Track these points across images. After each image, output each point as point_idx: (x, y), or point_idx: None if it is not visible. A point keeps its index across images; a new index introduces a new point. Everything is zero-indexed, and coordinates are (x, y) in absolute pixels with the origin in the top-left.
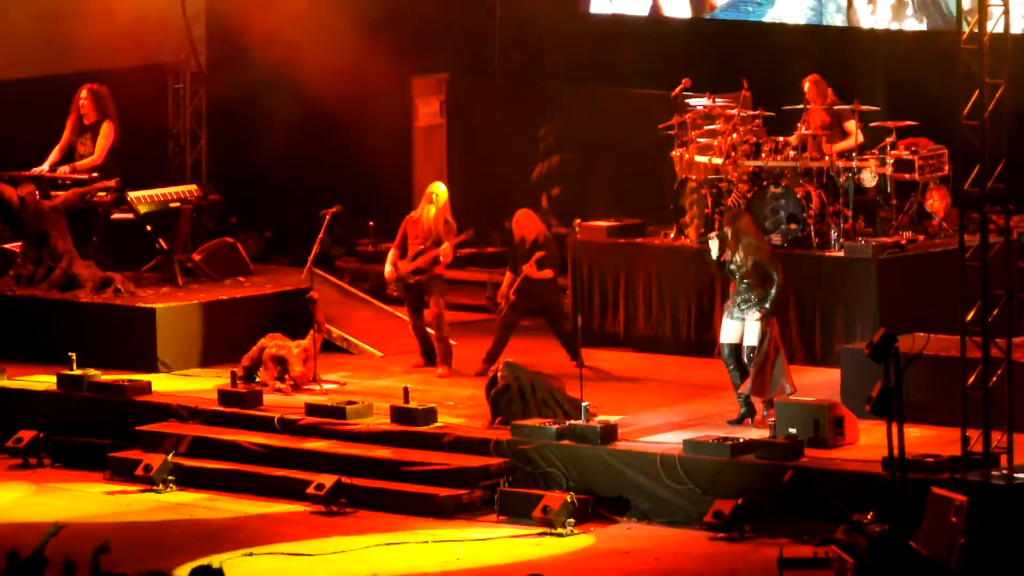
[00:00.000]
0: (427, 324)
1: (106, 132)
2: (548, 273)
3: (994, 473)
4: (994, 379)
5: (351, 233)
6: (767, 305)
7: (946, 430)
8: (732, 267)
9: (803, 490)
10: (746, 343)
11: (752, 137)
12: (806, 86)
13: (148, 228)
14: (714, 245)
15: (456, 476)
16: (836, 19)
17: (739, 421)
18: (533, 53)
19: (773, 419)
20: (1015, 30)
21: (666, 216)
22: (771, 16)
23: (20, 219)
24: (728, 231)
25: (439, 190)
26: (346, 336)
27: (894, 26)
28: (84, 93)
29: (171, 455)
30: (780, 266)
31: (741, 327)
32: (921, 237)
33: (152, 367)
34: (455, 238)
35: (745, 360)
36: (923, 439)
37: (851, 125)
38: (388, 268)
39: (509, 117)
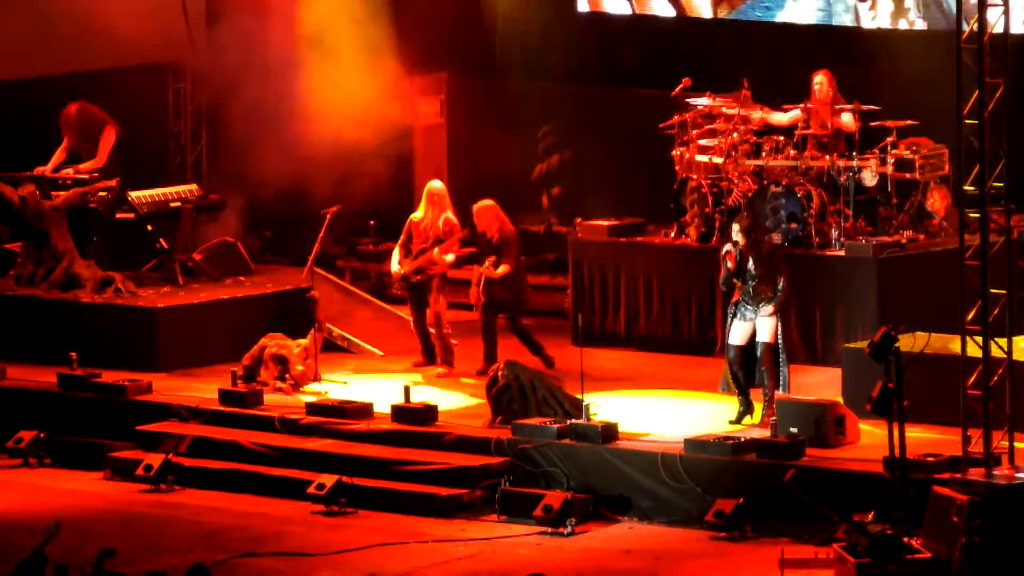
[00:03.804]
0: (428, 323)
1: (107, 136)
2: (506, 270)
3: (995, 473)
4: (995, 379)
5: (352, 232)
6: (780, 296)
7: (947, 430)
8: (749, 272)
9: (801, 492)
10: (759, 339)
11: (752, 136)
12: (815, 81)
13: (149, 228)
14: (729, 261)
15: (457, 475)
16: (845, 19)
17: (739, 420)
18: (533, 52)
19: (774, 418)
20: (1015, 30)
21: (667, 215)
22: (781, 18)
23: (21, 219)
24: (740, 234)
25: (441, 193)
26: (347, 335)
27: (894, 26)
28: (75, 112)
29: (171, 455)
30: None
31: (752, 327)
32: (922, 236)
33: (152, 367)
34: (455, 238)
35: (758, 355)
36: (924, 439)
37: (848, 119)
38: (394, 267)
39: (509, 116)
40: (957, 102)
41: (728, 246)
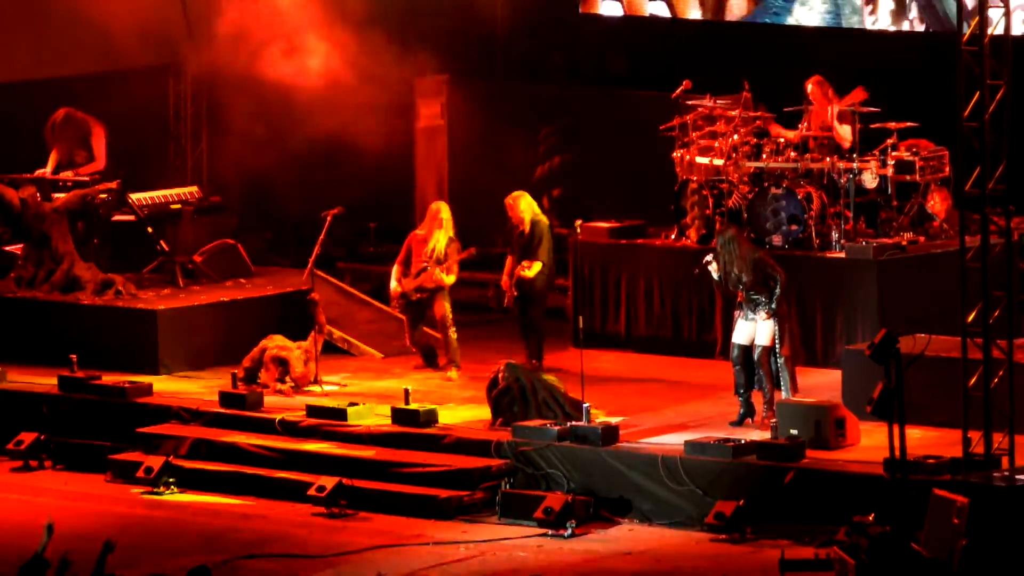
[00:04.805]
0: (435, 325)
1: (97, 136)
2: (538, 268)
3: (995, 475)
4: (995, 380)
5: (352, 235)
6: (773, 305)
7: (947, 431)
8: (734, 279)
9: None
10: (758, 343)
11: (753, 138)
12: (809, 87)
13: (149, 230)
14: (713, 268)
15: (457, 477)
16: (852, 21)
17: (739, 422)
18: (534, 54)
19: (774, 420)
20: (1016, 32)
21: (667, 217)
22: (792, 20)
23: (21, 221)
24: (719, 248)
25: (446, 214)
26: (347, 337)
27: (895, 27)
28: (61, 118)
29: (172, 457)
30: (777, 264)
31: (754, 328)
32: (922, 238)
33: (153, 369)
34: (457, 257)
35: (755, 359)
36: (924, 440)
37: (846, 130)
38: (393, 284)
39: (510, 118)
40: (957, 104)
41: (708, 256)
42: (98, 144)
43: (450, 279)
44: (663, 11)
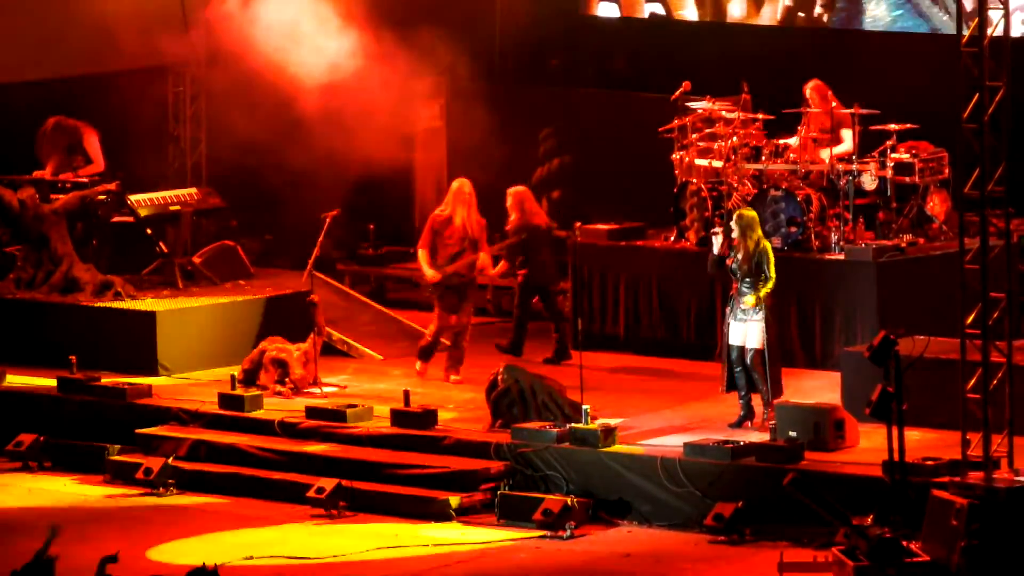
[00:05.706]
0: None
1: (90, 139)
2: (502, 268)
3: (995, 476)
4: (994, 382)
5: (351, 236)
6: (762, 304)
7: (946, 433)
8: (734, 266)
9: (801, 496)
10: (749, 346)
11: (752, 140)
12: (808, 90)
13: (148, 231)
14: (716, 241)
15: (456, 479)
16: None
17: (739, 424)
18: (533, 55)
19: (773, 422)
20: (1015, 33)
21: (666, 219)
22: (868, 19)
23: (20, 222)
24: (735, 228)
25: (469, 189)
26: (346, 339)
27: (895, 28)
28: (51, 127)
29: (171, 458)
30: (773, 266)
31: (746, 328)
32: (921, 240)
33: (152, 370)
34: (485, 239)
35: (748, 361)
36: (924, 442)
37: (847, 133)
38: (430, 272)
39: (509, 120)
40: (958, 106)
41: (717, 229)
42: (93, 148)
43: (497, 268)
44: (660, 11)
